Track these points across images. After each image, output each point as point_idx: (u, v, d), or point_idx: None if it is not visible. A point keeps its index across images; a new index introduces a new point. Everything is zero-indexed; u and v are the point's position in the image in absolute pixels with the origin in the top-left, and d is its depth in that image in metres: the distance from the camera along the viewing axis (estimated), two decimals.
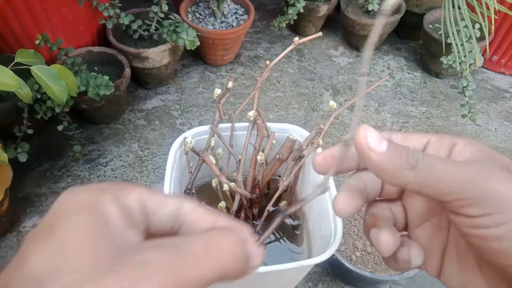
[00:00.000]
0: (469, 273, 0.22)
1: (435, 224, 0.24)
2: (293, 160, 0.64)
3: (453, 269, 0.23)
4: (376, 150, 0.19)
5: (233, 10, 1.17)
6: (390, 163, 0.19)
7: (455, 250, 0.23)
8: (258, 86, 0.63)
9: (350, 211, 0.22)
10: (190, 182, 0.63)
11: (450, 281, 0.23)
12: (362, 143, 0.19)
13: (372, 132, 0.19)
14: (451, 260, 0.23)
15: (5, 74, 0.60)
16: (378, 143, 0.19)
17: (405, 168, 0.19)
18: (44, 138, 0.95)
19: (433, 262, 0.24)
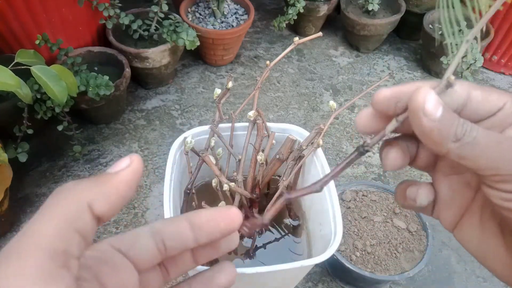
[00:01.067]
0: (490, 237, 0.22)
1: (464, 180, 0.24)
2: (293, 160, 0.64)
3: (473, 229, 0.23)
4: (429, 115, 0.18)
5: (233, 10, 1.17)
6: (438, 132, 0.19)
7: (479, 212, 0.23)
8: (258, 86, 0.63)
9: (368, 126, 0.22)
10: (190, 182, 0.63)
11: (466, 237, 0.24)
12: (419, 105, 0.19)
13: (431, 95, 0.19)
14: (473, 220, 0.23)
15: (5, 74, 0.60)
16: (434, 108, 0.19)
17: (450, 139, 0.19)
18: (44, 138, 0.95)
19: (450, 216, 0.24)
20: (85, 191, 0.17)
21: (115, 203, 0.18)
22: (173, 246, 0.21)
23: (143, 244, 0.21)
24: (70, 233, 0.16)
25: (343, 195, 0.76)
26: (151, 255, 0.21)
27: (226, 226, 0.21)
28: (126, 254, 0.20)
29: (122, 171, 0.18)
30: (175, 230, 0.21)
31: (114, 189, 0.18)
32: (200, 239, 0.21)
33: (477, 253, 0.23)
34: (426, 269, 0.82)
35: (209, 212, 0.21)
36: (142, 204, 0.86)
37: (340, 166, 0.22)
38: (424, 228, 0.73)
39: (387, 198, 0.77)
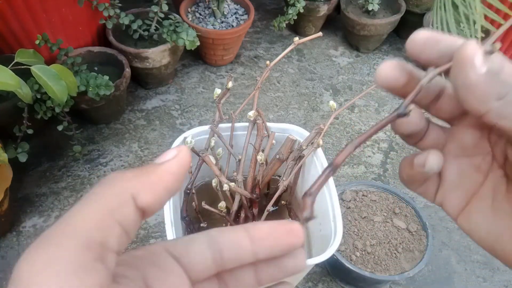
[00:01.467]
0: (505, 221, 0.21)
1: (474, 164, 0.23)
2: (293, 160, 0.64)
3: (484, 213, 0.22)
4: (477, 69, 0.18)
5: (233, 10, 1.17)
6: (482, 87, 0.18)
7: (491, 195, 0.22)
8: (258, 86, 0.63)
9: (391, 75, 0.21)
10: (190, 182, 0.63)
11: (475, 223, 0.23)
12: (468, 56, 0.18)
13: (480, 51, 0.18)
14: (484, 203, 0.22)
15: (5, 74, 0.60)
16: (481, 64, 0.18)
17: (493, 97, 0.18)
18: (44, 138, 0.95)
19: (456, 200, 0.23)
20: (130, 181, 0.16)
21: (160, 195, 0.16)
22: (230, 257, 0.19)
23: (198, 252, 0.19)
24: (110, 224, 0.15)
25: (343, 195, 0.76)
26: (205, 265, 0.19)
27: (288, 240, 0.19)
28: (179, 260, 0.19)
29: (168, 162, 0.17)
30: (233, 240, 0.19)
31: (160, 180, 0.16)
32: (259, 253, 0.19)
33: (488, 238, 0.22)
34: (426, 269, 0.82)
35: (269, 224, 0.19)
36: None
37: (375, 128, 0.20)
38: (424, 228, 0.73)
39: (387, 198, 0.77)
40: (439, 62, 0.20)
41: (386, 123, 0.20)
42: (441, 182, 0.24)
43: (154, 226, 0.82)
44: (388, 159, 1.00)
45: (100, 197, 0.16)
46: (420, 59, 0.20)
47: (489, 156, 0.22)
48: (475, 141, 0.22)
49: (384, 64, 0.21)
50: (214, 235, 0.19)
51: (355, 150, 0.97)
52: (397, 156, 1.01)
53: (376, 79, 0.21)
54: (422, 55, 0.20)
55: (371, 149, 1.02)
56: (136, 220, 0.16)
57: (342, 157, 0.20)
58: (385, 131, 1.06)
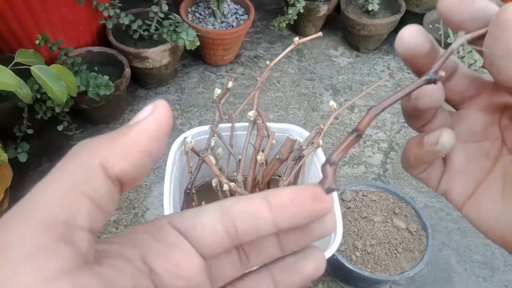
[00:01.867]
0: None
1: (483, 149, 0.22)
2: (293, 160, 0.64)
3: (493, 200, 0.21)
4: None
5: (233, 10, 1.17)
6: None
7: (501, 182, 0.21)
8: (258, 86, 0.63)
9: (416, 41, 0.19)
10: (190, 182, 0.63)
11: (484, 210, 0.21)
12: (511, 20, 0.16)
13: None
14: (493, 190, 0.21)
15: (5, 74, 0.60)
16: None
17: None
18: (44, 138, 0.95)
19: (463, 186, 0.22)
20: (99, 147, 0.14)
21: (137, 160, 0.14)
22: (246, 230, 0.17)
23: (207, 225, 0.16)
24: (76, 199, 0.13)
25: (343, 195, 0.76)
26: (218, 240, 0.16)
27: (314, 207, 0.16)
28: (186, 234, 0.16)
29: (143, 120, 0.15)
30: (249, 210, 0.17)
31: (134, 142, 0.14)
32: (281, 223, 0.17)
33: (498, 226, 0.21)
34: (426, 269, 0.82)
35: (291, 189, 0.17)
36: (142, 204, 0.86)
37: (401, 93, 0.18)
38: (424, 228, 0.73)
39: (387, 198, 0.77)
40: (471, 25, 0.18)
41: (414, 88, 0.18)
42: (447, 168, 0.22)
43: None
44: (388, 159, 1.00)
45: (65, 170, 0.14)
46: (452, 20, 0.18)
47: (498, 141, 0.21)
48: (484, 126, 0.21)
49: (407, 29, 0.19)
50: (227, 206, 0.17)
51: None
52: (397, 156, 1.01)
53: (398, 46, 0.19)
54: (455, 16, 0.18)
55: (371, 149, 1.02)
56: (111, 191, 0.14)
57: (366, 122, 0.18)
58: (385, 131, 1.06)
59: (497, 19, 0.17)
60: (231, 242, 0.17)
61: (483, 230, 0.22)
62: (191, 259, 0.16)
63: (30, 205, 0.13)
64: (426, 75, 0.18)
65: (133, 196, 0.87)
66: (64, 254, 0.12)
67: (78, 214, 0.13)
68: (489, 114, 0.21)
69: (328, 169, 0.17)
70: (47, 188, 0.14)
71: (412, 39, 0.19)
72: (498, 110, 0.21)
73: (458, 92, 0.21)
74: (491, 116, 0.21)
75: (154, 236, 0.16)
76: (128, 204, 0.85)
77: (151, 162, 0.15)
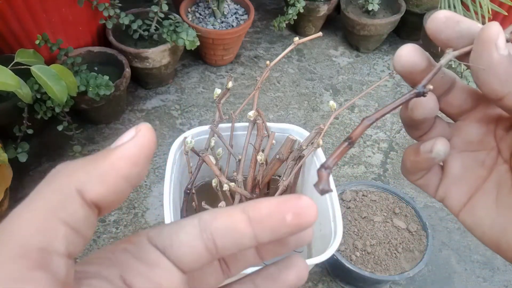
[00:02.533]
0: (510, 214, 0.21)
1: (478, 159, 0.23)
2: (293, 160, 0.64)
3: (487, 208, 0.22)
4: (500, 49, 0.18)
5: (233, 10, 1.17)
6: (505, 68, 0.18)
7: (495, 190, 0.22)
8: (258, 86, 0.63)
9: (412, 59, 0.20)
10: (190, 182, 0.63)
11: (478, 217, 0.22)
12: (492, 36, 0.18)
13: (503, 35, 0.18)
14: (487, 198, 0.22)
15: (5, 74, 0.60)
16: (504, 47, 0.18)
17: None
18: (44, 138, 0.95)
19: (459, 194, 0.23)
20: (76, 172, 0.14)
21: (114, 185, 0.14)
22: (226, 245, 0.17)
23: (186, 242, 0.16)
24: (53, 225, 0.13)
25: (343, 195, 0.76)
26: (197, 256, 0.17)
27: (296, 220, 0.16)
28: (165, 253, 0.16)
29: (124, 145, 0.14)
30: (228, 225, 0.16)
31: (112, 167, 0.14)
32: (261, 237, 0.16)
33: (491, 233, 0.22)
34: (426, 269, 0.82)
35: (271, 202, 0.16)
36: (142, 204, 0.86)
37: (392, 105, 0.20)
38: (424, 228, 0.73)
39: (387, 198, 0.77)
40: (457, 43, 0.20)
41: (404, 101, 0.20)
42: (444, 175, 0.23)
43: (154, 226, 0.82)
44: (388, 159, 1.00)
45: (42, 196, 0.14)
46: (439, 38, 0.20)
47: (494, 151, 0.22)
48: (481, 136, 0.22)
49: (405, 48, 0.20)
50: (206, 220, 0.17)
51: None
52: (397, 156, 1.01)
53: (395, 63, 0.21)
54: (441, 35, 0.20)
55: (371, 149, 1.02)
56: (88, 216, 0.14)
57: (359, 132, 0.20)
58: (385, 131, 1.06)
59: (480, 37, 0.18)
60: (211, 257, 0.17)
61: (478, 235, 0.23)
62: (171, 276, 0.16)
63: (6, 232, 0.13)
64: (416, 89, 0.20)
65: (133, 196, 0.87)
66: (40, 282, 0.12)
67: (54, 240, 0.13)
68: (484, 125, 0.22)
69: (323, 173, 0.18)
70: (24, 215, 0.13)
71: (409, 58, 0.20)
72: (493, 122, 0.22)
73: (456, 106, 0.23)
74: (487, 127, 0.22)
75: (134, 255, 0.16)
76: (128, 204, 0.85)
77: (130, 187, 0.15)
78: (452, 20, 0.19)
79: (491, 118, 0.22)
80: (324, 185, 0.18)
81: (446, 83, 0.22)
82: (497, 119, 0.22)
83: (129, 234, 0.80)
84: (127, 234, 0.81)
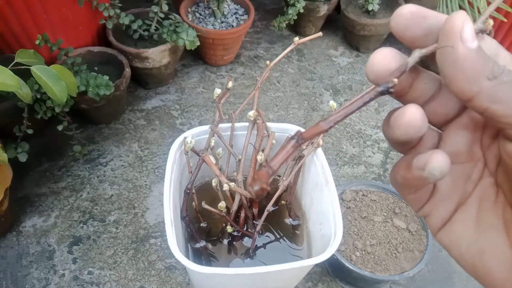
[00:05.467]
0: (489, 234, 0.19)
1: (465, 172, 0.20)
2: (293, 160, 0.64)
3: (467, 225, 0.20)
4: (466, 42, 0.16)
5: (233, 10, 1.17)
6: (472, 62, 0.16)
7: (477, 204, 0.20)
8: (258, 86, 0.63)
9: (388, 67, 0.18)
10: (190, 182, 0.63)
11: (457, 236, 0.20)
12: (457, 27, 0.16)
13: (470, 24, 0.16)
14: (468, 214, 0.20)
15: (5, 74, 0.60)
16: (471, 39, 0.16)
17: (484, 76, 0.16)
18: (44, 138, 0.95)
19: (444, 211, 0.21)
20: None
21: None
22: None
23: None
24: None
25: (343, 195, 0.76)
26: None
27: None
28: None
29: None
30: None
31: None
32: None
33: (468, 254, 0.20)
34: (426, 269, 0.82)
35: None
36: (142, 204, 0.86)
37: (351, 108, 0.17)
38: (424, 228, 0.73)
39: (387, 198, 0.77)
40: (425, 41, 0.18)
41: (366, 101, 0.17)
42: (434, 191, 0.21)
43: (154, 226, 0.82)
44: (388, 159, 1.00)
45: None
46: (405, 37, 0.18)
47: (480, 163, 0.20)
48: (467, 145, 0.20)
49: (378, 53, 0.18)
50: None
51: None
52: (397, 156, 1.01)
53: (368, 72, 0.18)
54: (407, 32, 0.18)
55: (371, 149, 1.02)
56: None
57: (311, 134, 0.17)
58: None
59: (443, 29, 0.16)
60: None
61: (455, 257, 0.21)
62: None
63: None
64: (379, 87, 0.17)
65: (133, 196, 0.87)
66: None
67: None
68: (471, 133, 0.20)
69: (263, 171, 0.16)
70: None
71: (384, 65, 0.18)
72: (479, 129, 0.20)
73: (441, 113, 0.20)
74: (473, 135, 0.20)
75: None
76: (128, 204, 0.86)
77: None
78: (419, 15, 0.17)
79: (477, 124, 0.20)
80: (261, 184, 0.16)
81: (429, 90, 0.19)
82: (484, 125, 0.20)
83: (129, 234, 0.80)
84: (127, 234, 0.81)
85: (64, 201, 0.85)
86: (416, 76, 0.19)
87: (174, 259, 0.78)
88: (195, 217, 0.68)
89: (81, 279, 0.75)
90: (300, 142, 0.17)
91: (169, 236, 0.52)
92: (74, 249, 0.78)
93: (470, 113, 0.20)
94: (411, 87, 0.19)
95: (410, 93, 0.20)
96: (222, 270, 0.51)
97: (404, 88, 0.19)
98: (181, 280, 0.76)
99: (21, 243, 0.78)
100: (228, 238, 0.68)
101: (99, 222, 0.82)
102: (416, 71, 0.19)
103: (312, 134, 0.17)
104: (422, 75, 0.19)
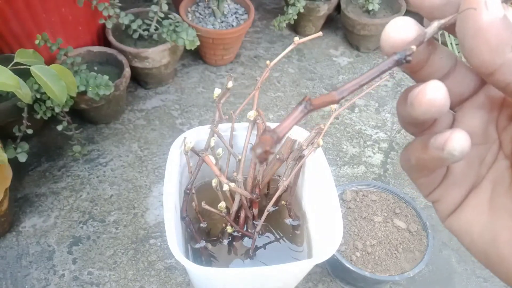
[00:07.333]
0: (503, 219, 0.18)
1: (480, 154, 0.19)
2: (293, 160, 0.64)
3: (480, 210, 0.19)
4: (492, 10, 0.14)
5: (233, 10, 1.17)
6: (497, 34, 0.14)
7: (490, 188, 0.19)
8: (258, 86, 0.63)
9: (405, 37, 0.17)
10: (190, 182, 0.62)
11: (469, 222, 0.19)
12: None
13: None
14: (481, 198, 0.19)
15: (5, 74, 0.60)
16: (497, 7, 0.14)
17: (509, 47, 0.14)
18: (44, 138, 0.94)
19: (452, 197, 0.20)
20: None
21: None
22: None
23: None
24: None
25: (343, 195, 0.76)
26: None
27: None
28: None
29: None
30: None
31: None
32: None
33: (480, 240, 0.19)
34: (427, 269, 0.82)
35: None
36: (142, 204, 0.86)
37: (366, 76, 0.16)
38: (425, 228, 0.72)
39: (387, 198, 0.76)
40: (443, 11, 0.16)
41: (382, 71, 0.16)
42: (447, 175, 0.20)
43: (154, 226, 0.82)
44: (389, 159, 1.00)
45: None
46: (423, 6, 0.17)
47: (495, 145, 0.19)
48: (482, 126, 0.19)
49: (393, 23, 0.17)
50: None
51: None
52: (397, 156, 1.01)
53: (384, 43, 0.17)
54: (425, 2, 0.16)
55: (371, 149, 1.02)
56: None
57: (321, 102, 0.16)
58: (385, 131, 1.06)
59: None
60: None
61: (466, 243, 0.20)
62: None
63: None
64: (396, 55, 0.16)
65: (133, 196, 0.87)
66: None
67: None
68: (487, 113, 0.19)
69: (267, 135, 0.15)
70: None
71: (399, 36, 0.17)
72: (496, 108, 0.19)
73: (457, 92, 0.19)
74: (489, 115, 0.19)
75: None
76: (128, 204, 0.85)
77: None
78: None
79: (494, 104, 0.19)
80: (265, 146, 0.15)
81: (445, 66, 0.18)
82: (501, 105, 0.19)
83: (129, 235, 0.80)
84: (127, 234, 0.81)
85: (63, 201, 0.85)
86: (433, 50, 0.18)
87: (174, 260, 0.78)
88: (195, 218, 0.67)
89: (81, 280, 0.74)
90: (309, 108, 0.16)
91: (169, 237, 0.52)
92: (74, 249, 0.78)
93: (486, 91, 0.19)
94: (427, 61, 0.18)
95: (426, 68, 0.18)
96: (222, 271, 0.51)
97: (420, 61, 0.18)
98: (181, 280, 0.76)
99: (20, 243, 0.78)
100: (228, 238, 0.68)
101: (99, 223, 0.82)
102: (433, 45, 0.18)
103: (321, 102, 0.16)
104: (439, 49, 0.18)
